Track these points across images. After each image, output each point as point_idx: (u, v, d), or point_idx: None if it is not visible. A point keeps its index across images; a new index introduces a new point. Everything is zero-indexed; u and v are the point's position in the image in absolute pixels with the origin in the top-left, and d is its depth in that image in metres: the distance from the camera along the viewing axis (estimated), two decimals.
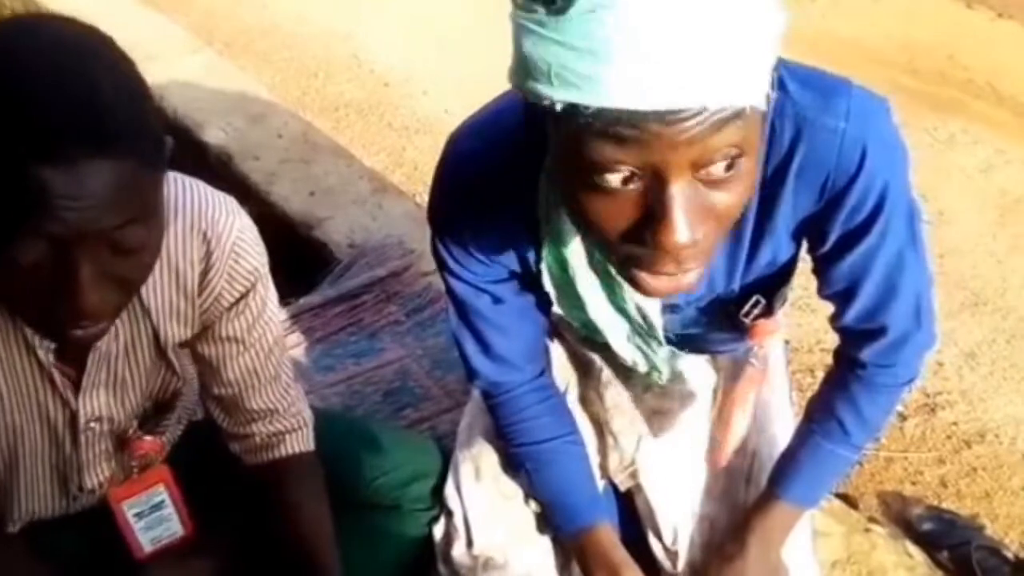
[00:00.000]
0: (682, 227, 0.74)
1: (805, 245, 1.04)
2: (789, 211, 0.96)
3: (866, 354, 1.10)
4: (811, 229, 0.99)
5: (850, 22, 3.49)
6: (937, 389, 2.13)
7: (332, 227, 2.24)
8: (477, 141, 1.00)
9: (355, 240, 2.19)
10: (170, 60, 2.78)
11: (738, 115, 0.70)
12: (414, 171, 2.78)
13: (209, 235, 1.04)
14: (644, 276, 0.80)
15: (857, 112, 0.90)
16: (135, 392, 1.12)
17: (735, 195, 0.76)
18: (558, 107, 0.70)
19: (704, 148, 0.71)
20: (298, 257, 2.16)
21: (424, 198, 2.56)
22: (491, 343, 1.15)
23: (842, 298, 1.06)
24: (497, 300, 1.11)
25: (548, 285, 1.06)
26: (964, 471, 1.98)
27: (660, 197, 0.73)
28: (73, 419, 1.09)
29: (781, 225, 0.98)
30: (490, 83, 0.73)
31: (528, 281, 1.10)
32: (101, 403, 1.10)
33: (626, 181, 0.73)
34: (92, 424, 1.11)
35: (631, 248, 0.78)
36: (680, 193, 0.73)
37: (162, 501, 1.21)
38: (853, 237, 0.97)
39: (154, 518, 1.21)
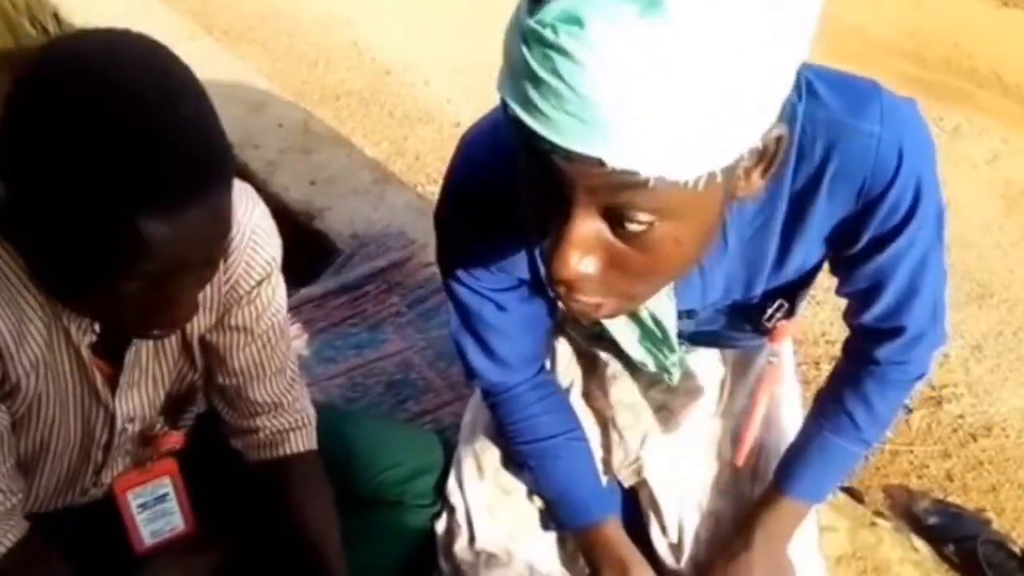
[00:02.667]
0: (571, 258, 0.75)
1: None
2: (823, 217, 0.95)
3: (880, 352, 1.09)
4: (844, 232, 0.97)
5: (855, 11, 3.46)
6: (943, 382, 2.12)
7: (333, 217, 2.23)
8: (488, 145, 0.97)
9: (356, 230, 2.18)
10: (169, 48, 2.75)
11: (644, 183, 0.68)
12: (415, 161, 2.76)
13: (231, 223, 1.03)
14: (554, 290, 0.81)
15: (890, 115, 0.88)
16: (162, 388, 1.13)
17: (653, 257, 0.76)
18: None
19: (608, 200, 0.71)
20: (298, 247, 2.14)
21: (426, 188, 2.55)
22: (493, 347, 1.14)
23: (863, 297, 1.05)
24: (501, 308, 1.10)
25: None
26: (970, 464, 1.97)
27: (559, 226, 0.74)
28: (111, 421, 1.10)
29: (814, 230, 0.96)
30: (492, 72, 0.72)
31: (537, 286, 1.08)
32: (135, 403, 1.11)
33: (548, 201, 0.74)
34: (127, 425, 1.12)
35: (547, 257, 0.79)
36: (577, 230, 0.73)
37: (167, 493, 1.21)
38: (885, 239, 0.96)
39: (157, 510, 1.21)
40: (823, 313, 2.16)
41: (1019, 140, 2.90)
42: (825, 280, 1.08)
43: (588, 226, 0.73)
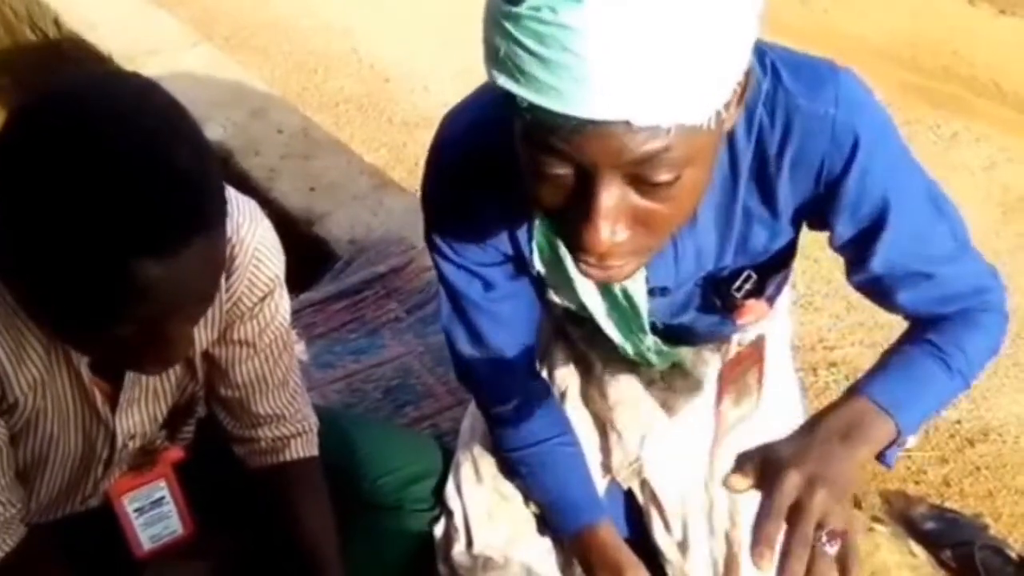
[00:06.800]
0: (603, 231, 0.76)
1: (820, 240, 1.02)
2: (788, 198, 0.96)
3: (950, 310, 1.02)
4: (814, 218, 0.98)
5: (853, 18, 3.47)
6: None
7: (332, 223, 2.23)
8: (469, 122, 1.00)
9: (355, 236, 2.18)
10: (170, 54, 2.77)
11: (667, 132, 0.71)
12: (415, 167, 2.76)
13: (234, 240, 1.03)
14: (578, 258, 0.82)
15: (845, 97, 0.90)
16: (164, 404, 1.13)
17: (673, 207, 0.78)
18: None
19: (631, 167, 0.73)
20: (298, 253, 2.14)
21: None
22: (483, 333, 1.14)
23: (886, 290, 1.01)
24: (489, 286, 1.10)
25: (538, 264, 1.06)
26: (967, 470, 1.96)
27: (585, 197, 0.75)
28: (111, 438, 1.10)
29: (781, 211, 0.98)
30: None
31: (521, 264, 1.09)
32: (136, 421, 1.11)
33: (563, 167, 0.75)
34: (128, 442, 1.12)
35: (567, 229, 0.80)
36: (606, 197, 0.75)
37: (163, 497, 1.21)
38: (869, 234, 0.96)
39: (154, 515, 1.21)
40: (820, 319, 2.16)
41: (1017, 147, 2.90)
42: (823, 287, 1.08)
43: (614, 195, 0.75)
